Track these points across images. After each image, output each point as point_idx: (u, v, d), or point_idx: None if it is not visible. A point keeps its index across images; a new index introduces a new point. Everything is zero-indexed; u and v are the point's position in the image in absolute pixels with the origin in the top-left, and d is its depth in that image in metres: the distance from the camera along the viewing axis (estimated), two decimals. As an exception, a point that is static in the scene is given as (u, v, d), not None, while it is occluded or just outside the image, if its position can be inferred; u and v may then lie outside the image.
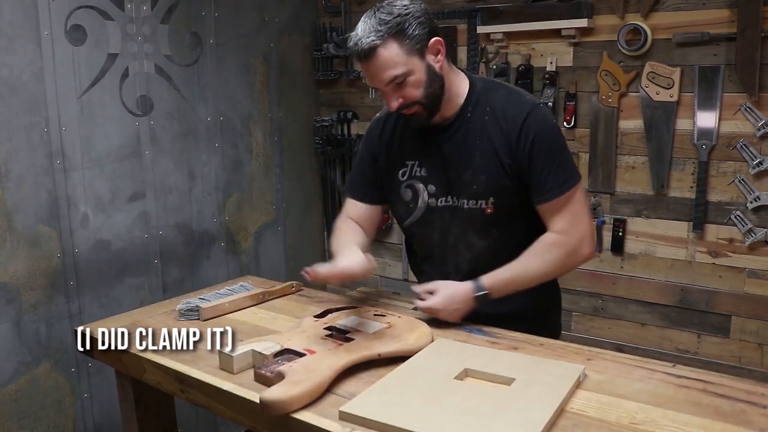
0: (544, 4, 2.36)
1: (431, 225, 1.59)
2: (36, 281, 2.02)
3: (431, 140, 1.55)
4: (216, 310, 1.66)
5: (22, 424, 2.01)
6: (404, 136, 1.59)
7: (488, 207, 1.51)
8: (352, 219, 1.67)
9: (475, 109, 1.51)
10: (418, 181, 1.57)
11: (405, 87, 1.42)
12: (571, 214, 1.47)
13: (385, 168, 1.63)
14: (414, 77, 1.41)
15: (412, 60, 1.40)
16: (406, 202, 1.60)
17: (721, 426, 1.06)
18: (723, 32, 2.08)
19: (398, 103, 1.44)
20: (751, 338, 2.20)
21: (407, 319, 1.50)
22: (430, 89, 1.44)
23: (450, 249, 1.59)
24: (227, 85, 2.59)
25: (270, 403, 1.11)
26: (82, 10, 2.06)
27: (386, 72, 1.39)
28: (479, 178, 1.50)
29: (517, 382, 1.19)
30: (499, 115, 1.48)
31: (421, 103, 1.45)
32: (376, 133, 1.66)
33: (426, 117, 1.48)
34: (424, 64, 1.42)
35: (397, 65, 1.39)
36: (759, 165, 2.08)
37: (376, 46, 1.37)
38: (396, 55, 1.38)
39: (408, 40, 1.39)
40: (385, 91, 1.44)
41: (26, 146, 1.96)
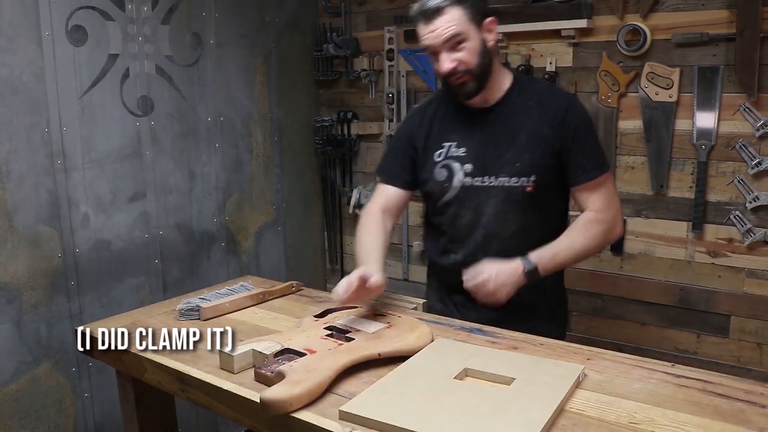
0: (543, 5, 2.36)
1: (464, 204, 1.66)
2: (36, 281, 2.02)
3: (472, 122, 1.66)
4: (216, 310, 1.66)
5: (22, 423, 2.02)
6: (444, 119, 1.70)
7: (529, 185, 1.60)
8: (381, 205, 1.75)
9: (520, 95, 1.64)
10: (454, 160, 1.66)
11: (460, 51, 1.54)
12: (606, 195, 1.61)
13: (422, 150, 1.71)
14: (470, 43, 1.54)
15: (470, 27, 1.54)
16: (440, 181, 1.67)
17: (720, 425, 1.06)
18: (722, 33, 2.08)
19: (452, 65, 1.54)
20: (750, 338, 2.20)
21: (407, 319, 1.51)
22: (482, 60, 1.56)
23: (480, 229, 1.65)
24: (227, 86, 2.60)
25: (270, 402, 1.12)
26: (83, 10, 2.06)
27: (448, 29, 1.52)
28: (523, 156, 1.60)
29: (517, 381, 1.19)
30: (544, 102, 1.62)
31: (472, 72, 1.56)
32: (417, 120, 1.76)
33: (474, 88, 1.58)
34: (479, 35, 1.56)
35: (459, 26, 1.52)
36: (758, 165, 2.09)
37: (443, 6, 1.52)
38: (459, 17, 1.53)
39: (469, 10, 1.54)
40: (442, 51, 1.55)
41: (27, 146, 1.96)
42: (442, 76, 1.60)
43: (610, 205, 1.62)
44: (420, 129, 1.73)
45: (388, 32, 2.79)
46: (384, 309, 1.59)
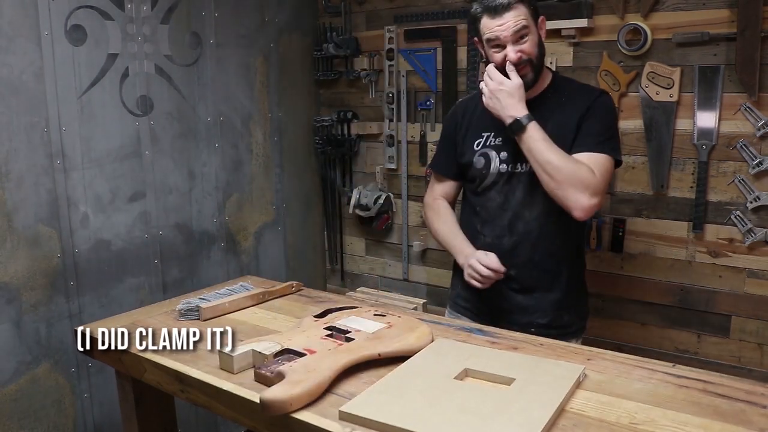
0: (544, 4, 2.35)
1: (498, 189, 1.81)
2: (36, 281, 2.02)
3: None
4: (216, 310, 1.66)
5: (22, 424, 2.02)
6: (482, 113, 1.83)
7: None
8: (439, 194, 1.97)
9: (555, 92, 1.79)
10: (491, 149, 1.81)
11: (524, 43, 1.70)
12: (598, 170, 1.67)
13: (463, 141, 1.88)
14: (532, 36, 1.71)
15: (532, 23, 1.71)
16: (479, 169, 1.83)
17: (721, 426, 1.06)
18: (723, 32, 2.08)
19: (518, 55, 1.69)
20: (750, 338, 2.20)
21: (407, 319, 1.50)
22: (540, 52, 1.73)
23: (509, 211, 1.80)
24: (227, 85, 2.59)
25: (270, 402, 1.11)
26: (82, 10, 2.06)
27: (518, 22, 1.67)
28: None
29: (517, 382, 1.19)
30: (576, 96, 1.77)
31: (532, 62, 1.72)
32: (459, 114, 1.94)
33: (531, 79, 1.73)
34: (537, 30, 1.73)
35: (526, 21, 1.68)
36: (759, 165, 2.08)
37: (511, 3, 1.67)
38: (525, 13, 1.69)
39: (530, 9, 1.70)
40: (507, 43, 1.69)
41: (26, 146, 1.96)
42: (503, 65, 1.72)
43: (599, 174, 1.67)
44: (462, 121, 1.91)
45: (388, 32, 2.79)
46: (384, 309, 1.59)
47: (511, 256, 1.78)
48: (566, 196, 1.65)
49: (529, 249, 1.79)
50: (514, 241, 1.79)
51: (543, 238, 1.78)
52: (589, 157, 1.68)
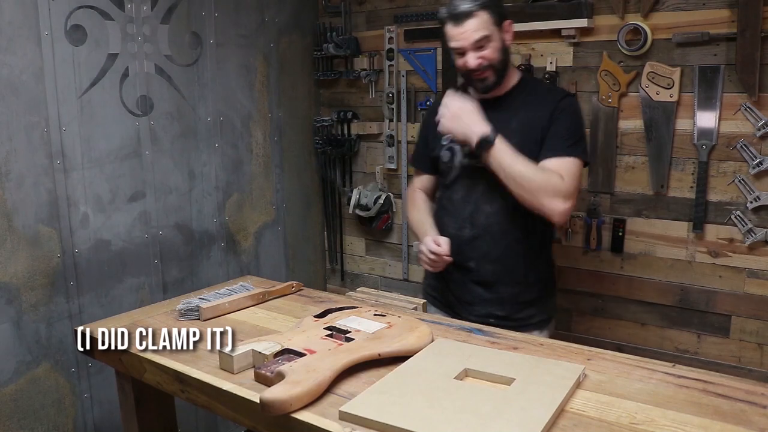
0: (544, 4, 2.36)
1: (462, 182, 1.86)
2: (36, 281, 2.02)
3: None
4: (216, 310, 1.66)
5: (22, 424, 2.01)
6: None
7: None
8: (422, 188, 2.03)
9: (522, 92, 1.84)
10: (457, 143, 1.85)
11: (485, 49, 1.74)
12: (568, 174, 1.72)
13: (433, 136, 1.93)
14: (493, 43, 1.74)
15: (494, 29, 1.74)
16: (445, 162, 1.89)
17: (721, 426, 1.06)
18: (723, 32, 2.08)
19: (478, 62, 1.74)
20: (751, 338, 2.20)
21: (407, 319, 1.50)
22: (502, 57, 1.77)
23: (470, 205, 1.85)
24: (227, 85, 2.59)
25: (270, 402, 1.11)
26: (82, 10, 2.06)
27: (477, 32, 1.71)
28: (511, 142, 1.74)
29: (517, 381, 1.19)
30: (542, 96, 1.82)
31: (494, 67, 1.76)
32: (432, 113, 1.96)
33: (493, 82, 1.78)
34: (500, 35, 1.76)
35: (486, 29, 1.72)
36: (759, 165, 2.08)
37: (473, 11, 1.70)
38: (485, 20, 1.72)
39: (493, 14, 1.73)
40: (468, 50, 1.73)
41: (26, 146, 1.96)
42: (466, 71, 1.77)
43: (567, 181, 1.71)
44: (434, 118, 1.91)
45: (388, 32, 2.79)
46: (384, 309, 1.59)
47: (470, 248, 1.84)
48: (542, 204, 1.70)
49: (488, 242, 1.83)
50: (474, 233, 1.84)
51: (503, 233, 1.83)
52: (558, 162, 1.73)
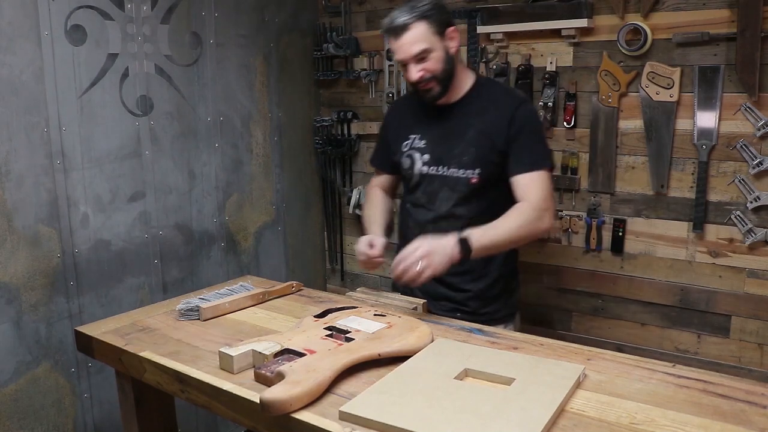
0: (544, 4, 2.36)
1: (423, 189, 1.87)
2: (36, 281, 2.02)
3: (433, 118, 1.85)
4: (216, 310, 1.66)
5: (22, 424, 2.01)
6: (411, 114, 1.91)
7: (474, 177, 1.79)
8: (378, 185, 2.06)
9: (478, 97, 1.82)
10: (416, 151, 1.87)
11: (426, 61, 1.71)
12: (541, 189, 1.74)
13: (393, 140, 1.95)
14: (435, 54, 1.72)
15: (434, 40, 1.71)
16: (406, 169, 1.90)
17: (721, 426, 1.06)
18: (723, 32, 2.08)
19: (419, 75, 1.72)
20: (751, 338, 2.20)
21: (407, 319, 1.50)
22: (446, 67, 1.74)
23: (433, 212, 1.86)
24: (227, 85, 2.59)
25: (270, 402, 1.11)
26: (82, 10, 2.06)
27: (415, 45, 1.70)
28: (470, 151, 1.78)
29: (517, 381, 1.19)
30: (498, 102, 1.80)
31: (437, 78, 1.74)
32: (394, 113, 2.04)
33: (438, 93, 1.77)
34: (442, 45, 1.73)
35: (424, 41, 1.70)
36: (759, 165, 2.08)
37: (409, 24, 1.69)
38: (423, 32, 1.69)
39: (433, 24, 1.70)
40: (410, 63, 1.72)
41: (26, 146, 1.96)
42: (410, 83, 1.77)
43: (542, 198, 1.74)
44: (394, 120, 1.99)
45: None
46: (384, 309, 1.59)
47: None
48: (535, 236, 1.76)
49: None
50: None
51: None
52: (528, 179, 1.75)
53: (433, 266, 1.54)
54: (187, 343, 1.49)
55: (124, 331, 1.59)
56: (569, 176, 2.45)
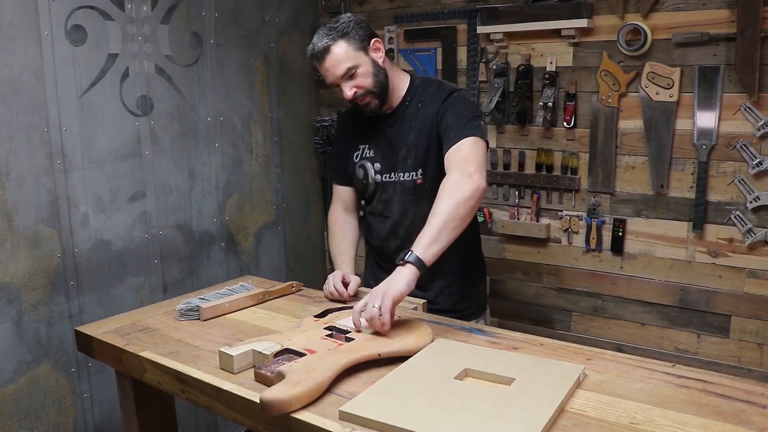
0: (543, 5, 2.36)
1: (378, 197, 1.88)
2: (36, 281, 2.02)
3: (378, 126, 1.86)
4: (216, 310, 1.66)
5: (22, 423, 2.02)
6: (357, 125, 1.91)
7: (418, 178, 1.80)
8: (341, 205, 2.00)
9: (413, 99, 1.82)
10: (367, 161, 1.88)
11: (356, 78, 1.72)
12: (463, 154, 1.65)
13: (345, 152, 1.94)
14: (362, 69, 1.72)
15: (358, 55, 1.71)
16: (360, 179, 1.91)
17: (721, 426, 1.06)
18: (723, 32, 2.08)
19: (353, 92, 1.73)
20: (750, 338, 2.20)
21: (407, 319, 1.50)
22: (377, 79, 1.74)
23: (390, 219, 1.87)
24: (227, 86, 2.59)
25: (270, 402, 1.11)
26: (83, 10, 2.06)
27: (340, 65, 1.70)
28: (411, 153, 1.80)
29: (517, 381, 1.19)
30: (429, 99, 1.79)
31: (372, 92, 1.75)
32: (341, 125, 2.04)
33: (377, 105, 1.78)
34: (369, 58, 1.73)
35: (348, 59, 1.70)
36: (759, 165, 2.09)
37: (329, 46, 1.69)
38: (345, 51, 1.69)
39: (353, 40, 1.70)
40: (341, 83, 1.72)
41: (27, 146, 1.96)
42: (348, 101, 1.77)
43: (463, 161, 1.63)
44: (343, 133, 1.98)
45: (388, 32, 2.79)
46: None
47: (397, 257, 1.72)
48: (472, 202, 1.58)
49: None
50: (398, 244, 1.85)
51: None
52: (457, 148, 1.66)
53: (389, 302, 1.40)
54: (188, 343, 1.49)
55: (124, 331, 1.59)
56: (569, 176, 2.45)
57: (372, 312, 1.39)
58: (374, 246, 1.98)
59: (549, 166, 2.50)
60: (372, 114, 1.81)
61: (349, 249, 1.94)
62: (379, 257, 1.98)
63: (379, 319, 1.38)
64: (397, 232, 1.87)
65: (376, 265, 2.01)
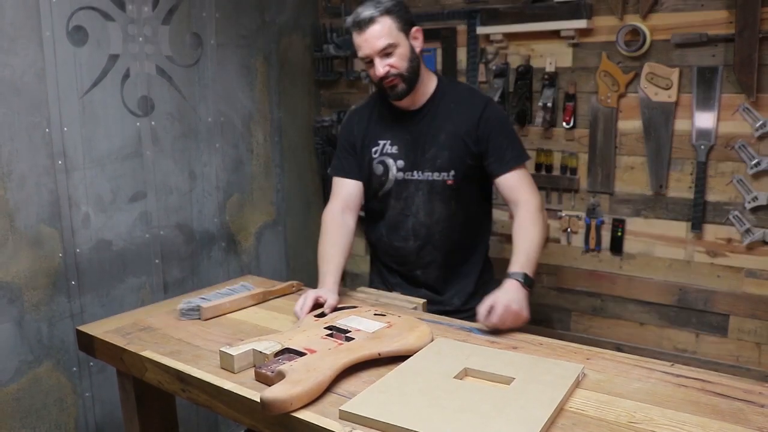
0: (543, 5, 2.37)
1: (398, 195, 1.86)
2: (38, 281, 2.02)
3: (402, 123, 1.84)
4: (217, 309, 1.67)
5: (24, 423, 2.02)
6: (378, 120, 1.88)
7: (449, 179, 1.80)
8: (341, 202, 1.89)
9: (443, 99, 1.82)
10: (388, 157, 1.85)
11: (392, 57, 1.70)
12: (529, 186, 1.79)
13: (360, 149, 1.90)
14: (400, 50, 1.71)
15: (400, 36, 1.70)
16: (378, 175, 1.87)
17: (719, 425, 1.07)
18: (721, 33, 2.09)
19: (385, 70, 1.70)
20: (749, 337, 2.21)
21: (407, 318, 1.51)
22: (412, 65, 1.73)
23: (411, 217, 1.85)
24: (228, 86, 2.60)
25: (271, 402, 1.12)
26: (84, 11, 2.06)
27: (381, 39, 1.68)
28: (443, 154, 1.79)
29: (517, 381, 1.20)
30: (463, 104, 1.81)
31: (403, 75, 1.72)
32: (354, 120, 1.95)
33: (404, 90, 1.75)
34: (408, 42, 1.73)
35: (390, 36, 1.68)
36: (757, 165, 2.09)
37: (374, 17, 1.67)
38: (389, 27, 1.68)
39: (398, 20, 1.69)
40: (375, 57, 1.70)
41: (28, 146, 1.97)
42: (376, 79, 1.74)
43: (534, 194, 1.78)
44: (357, 128, 1.92)
45: (388, 32, 2.79)
46: (383, 309, 1.60)
47: (417, 258, 1.87)
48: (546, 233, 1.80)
49: (432, 251, 1.86)
50: (419, 245, 1.86)
51: (445, 240, 1.85)
52: (515, 178, 1.78)
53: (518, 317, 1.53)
54: (188, 343, 1.50)
55: (125, 330, 1.59)
56: (568, 176, 2.46)
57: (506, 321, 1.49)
58: (387, 246, 1.93)
59: (548, 166, 2.50)
60: (395, 98, 1.77)
61: (338, 257, 1.77)
62: (391, 259, 1.94)
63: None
64: (419, 232, 1.85)
65: (385, 267, 1.98)
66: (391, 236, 1.90)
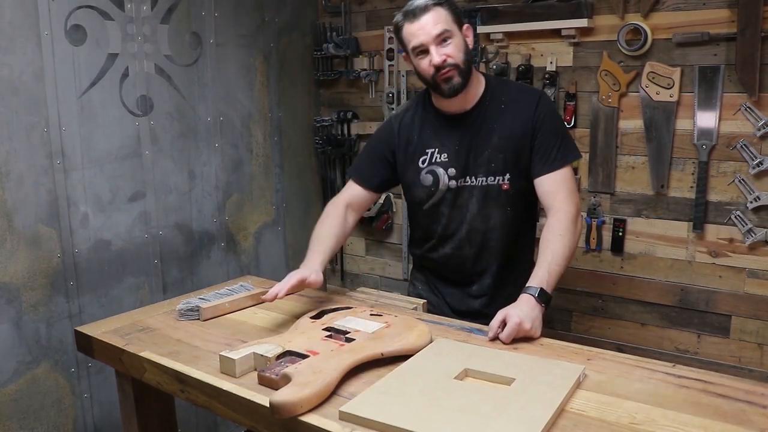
0: (544, 4, 2.36)
1: (451, 204, 1.79)
2: (36, 281, 2.02)
3: (451, 128, 1.77)
4: (216, 310, 1.66)
5: (22, 424, 2.01)
6: (423, 128, 1.80)
7: (504, 183, 1.74)
8: (347, 200, 1.87)
9: (492, 101, 1.75)
10: (438, 166, 1.77)
11: (448, 46, 1.64)
12: (568, 189, 1.70)
13: (403, 159, 1.82)
14: (456, 40, 1.65)
15: (455, 27, 1.65)
16: (426, 186, 1.79)
17: (721, 426, 1.06)
18: (723, 32, 2.08)
19: (442, 58, 1.63)
20: (750, 338, 2.20)
21: (404, 318, 1.50)
22: (466, 57, 1.67)
23: (466, 224, 1.79)
24: (227, 85, 2.59)
25: (280, 405, 1.11)
26: (82, 10, 2.06)
27: (438, 25, 1.62)
28: (497, 157, 1.72)
29: (517, 381, 1.19)
30: (514, 102, 1.74)
31: (458, 67, 1.65)
32: (395, 127, 1.85)
33: (459, 83, 1.66)
34: (461, 35, 1.68)
35: (446, 23, 1.64)
36: (759, 165, 2.08)
37: (429, 5, 1.63)
38: (445, 16, 1.64)
39: (451, 13, 1.66)
40: (431, 45, 1.63)
41: (26, 146, 1.96)
42: (431, 71, 1.65)
43: (571, 198, 1.69)
44: (399, 137, 1.83)
45: (388, 32, 2.79)
46: (380, 308, 1.59)
47: (473, 266, 1.82)
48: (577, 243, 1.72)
49: (488, 259, 1.82)
50: (474, 252, 1.80)
51: (500, 247, 1.80)
52: (554, 181, 1.69)
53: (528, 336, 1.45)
54: (187, 343, 1.49)
55: (124, 331, 1.59)
56: (569, 176, 2.45)
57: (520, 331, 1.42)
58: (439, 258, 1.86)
59: (549, 166, 2.49)
60: (449, 93, 1.67)
61: (330, 241, 1.77)
62: (445, 268, 1.87)
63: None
64: (473, 239, 1.79)
65: (434, 276, 1.92)
66: (445, 245, 1.83)
